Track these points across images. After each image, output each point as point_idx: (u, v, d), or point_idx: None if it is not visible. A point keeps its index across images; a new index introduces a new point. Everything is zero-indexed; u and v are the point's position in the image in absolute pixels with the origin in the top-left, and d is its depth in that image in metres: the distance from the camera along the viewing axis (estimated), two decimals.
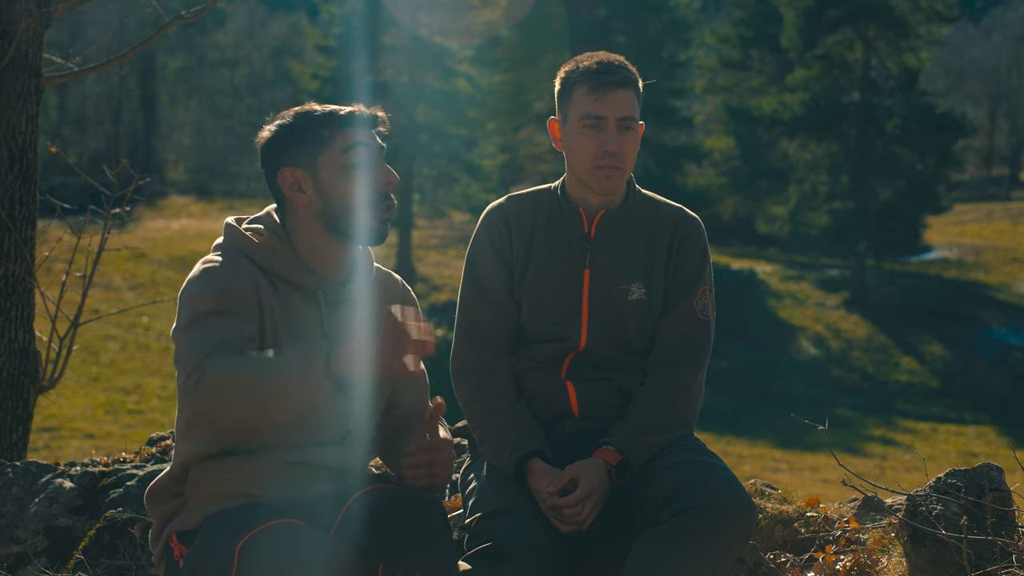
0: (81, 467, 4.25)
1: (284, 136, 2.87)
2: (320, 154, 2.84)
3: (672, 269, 3.34)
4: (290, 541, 2.58)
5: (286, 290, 2.84)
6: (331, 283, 2.89)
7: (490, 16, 33.24)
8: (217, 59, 47.30)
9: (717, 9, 45.66)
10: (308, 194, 2.85)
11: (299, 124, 2.86)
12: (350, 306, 2.91)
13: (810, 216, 32.93)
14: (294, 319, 2.83)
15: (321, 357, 2.63)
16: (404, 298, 3.05)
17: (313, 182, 2.85)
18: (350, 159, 2.84)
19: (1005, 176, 48.06)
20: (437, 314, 27.64)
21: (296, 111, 2.90)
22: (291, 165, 2.86)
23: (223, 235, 2.89)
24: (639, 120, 3.28)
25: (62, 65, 5.22)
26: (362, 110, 2.89)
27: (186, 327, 2.72)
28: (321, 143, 2.84)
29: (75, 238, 5.28)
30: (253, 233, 2.87)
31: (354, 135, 2.85)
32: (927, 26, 33.11)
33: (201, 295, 2.74)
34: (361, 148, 2.84)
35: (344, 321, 2.89)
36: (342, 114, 2.86)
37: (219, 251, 2.85)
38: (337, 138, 2.84)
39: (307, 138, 2.85)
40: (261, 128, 2.93)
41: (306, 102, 2.94)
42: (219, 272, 2.78)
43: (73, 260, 5.24)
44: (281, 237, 2.87)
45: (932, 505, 3.41)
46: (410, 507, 2.71)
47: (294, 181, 2.85)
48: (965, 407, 25.05)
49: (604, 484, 3.13)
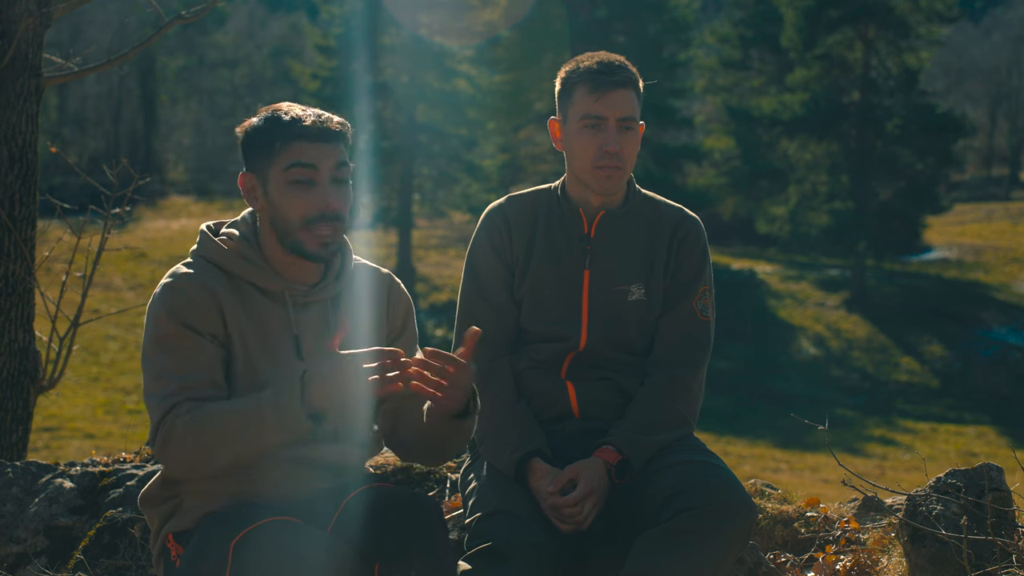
0: (81, 467, 4.24)
1: (247, 139, 2.82)
2: (269, 166, 2.77)
3: (672, 269, 3.34)
4: (285, 538, 2.57)
5: (252, 294, 2.81)
6: (299, 285, 2.84)
7: (490, 16, 33.23)
8: (217, 59, 47.29)
9: (717, 9, 45.64)
10: (260, 202, 2.81)
11: (258, 129, 2.80)
12: (322, 306, 2.87)
13: (810, 216, 32.92)
14: (262, 323, 2.80)
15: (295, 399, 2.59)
16: (390, 290, 3.00)
17: (263, 191, 2.80)
18: (292, 176, 2.75)
19: (1005, 176, 48.04)
20: (437, 314, 27.66)
21: (265, 113, 2.82)
22: (249, 170, 2.82)
23: (197, 241, 2.88)
24: (639, 120, 3.29)
25: (62, 65, 5.22)
26: (319, 123, 2.77)
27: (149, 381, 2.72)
28: (270, 153, 2.77)
29: (75, 238, 5.28)
30: (225, 239, 2.85)
31: (301, 152, 2.74)
32: (927, 26, 33.10)
33: (159, 316, 2.73)
34: (305, 168, 2.74)
35: (316, 322, 2.85)
36: (297, 126, 2.75)
37: (187, 259, 2.84)
38: (284, 152, 2.75)
39: (261, 146, 2.78)
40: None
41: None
42: (175, 290, 2.75)
43: (73, 260, 5.24)
44: (251, 242, 2.84)
45: (932, 505, 3.41)
46: (407, 506, 2.71)
47: (251, 187, 2.82)
48: (965, 407, 25.05)
49: (604, 484, 3.13)
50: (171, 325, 2.72)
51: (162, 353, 2.72)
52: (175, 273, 2.80)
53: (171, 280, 2.78)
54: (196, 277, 2.78)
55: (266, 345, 2.80)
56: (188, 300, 2.74)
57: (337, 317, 2.88)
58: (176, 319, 2.72)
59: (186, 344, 2.72)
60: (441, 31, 33.34)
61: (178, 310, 2.73)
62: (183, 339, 2.72)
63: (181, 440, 2.65)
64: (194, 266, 2.81)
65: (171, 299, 2.74)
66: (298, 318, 2.84)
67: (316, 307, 2.87)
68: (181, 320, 2.73)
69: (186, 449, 2.66)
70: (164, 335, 2.72)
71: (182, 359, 2.71)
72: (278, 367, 2.80)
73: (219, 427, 2.63)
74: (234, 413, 2.64)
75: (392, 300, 3.00)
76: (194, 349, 2.72)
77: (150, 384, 2.73)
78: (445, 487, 4.05)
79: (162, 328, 2.73)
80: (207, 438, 2.64)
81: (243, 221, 2.90)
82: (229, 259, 2.81)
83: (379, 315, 2.97)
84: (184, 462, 2.69)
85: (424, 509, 2.72)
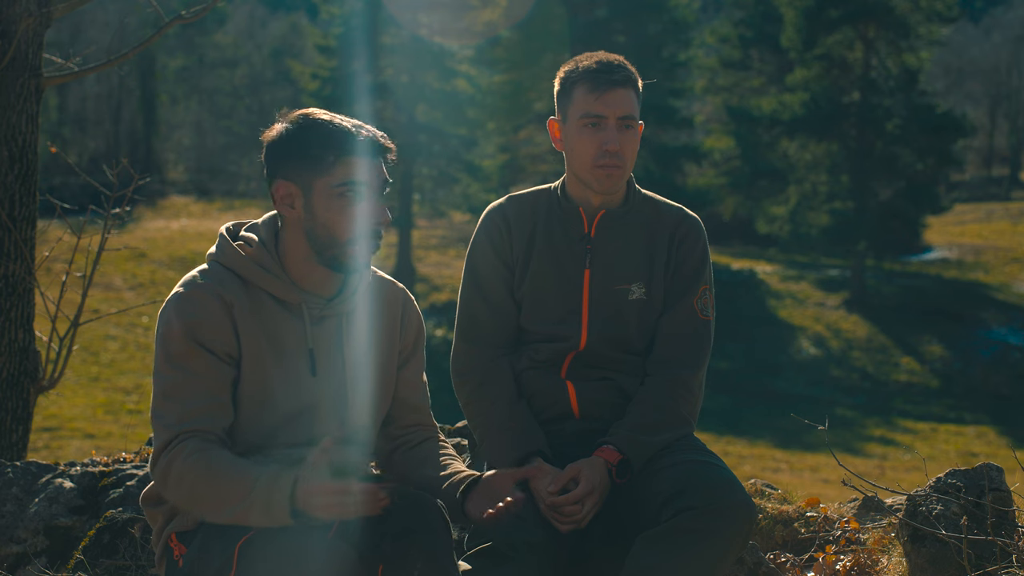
0: (81, 467, 4.24)
1: (286, 146, 2.74)
2: (317, 178, 2.71)
3: (672, 269, 3.34)
4: (289, 540, 2.58)
5: (269, 304, 2.79)
6: (317, 298, 2.82)
7: (490, 16, 33.22)
8: (217, 59, 47.27)
9: (717, 9, 45.64)
10: (298, 211, 2.75)
11: (304, 138, 2.72)
12: (337, 320, 2.85)
13: (810, 216, 32.91)
14: (277, 335, 2.79)
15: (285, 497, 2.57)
16: (404, 308, 3.00)
17: (304, 201, 2.74)
18: (345, 192, 2.71)
19: (1005, 176, 48.05)
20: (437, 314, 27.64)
21: (305, 120, 2.75)
22: (286, 178, 2.74)
23: (215, 244, 2.85)
24: (639, 119, 3.29)
25: (62, 65, 5.22)
26: (372, 136, 2.74)
27: (157, 398, 2.72)
28: (321, 167, 2.71)
29: (75, 238, 5.28)
30: (242, 244, 2.82)
31: (356, 168, 2.71)
32: (927, 26, 33.10)
33: (172, 331, 2.72)
34: (359, 185, 2.71)
35: (331, 336, 2.84)
36: (351, 141, 2.71)
37: (203, 266, 2.82)
38: (338, 167, 2.71)
39: (308, 156, 2.72)
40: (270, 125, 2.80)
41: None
42: (191, 301, 2.73)
43: (73, 260, 5.24)
44: (270, 249, 2.80)
45: (932, 505, 3.41)
46: (410, 508, 2.71)
47: (287, 194, 2.75)
48: (965, 407, 25.05)
49: (604, 482, 3.13)
50: (184, 343, 2.71)
51: (174, 371, 2.71)
52: (191, 283, 2.76)
53: (186, 290, 2.75)
54: (211, 288, 2.74)
55: (280, 358, 2.79)
56: (203, 315, 2.72)
57: (351, 331, 2.86)
58: (189, 336, 2.71)
59: (198, 365, 2.71)
60: (441, 31, 33.36)
61: (193, 326, 2.71)
62: (196, 358, 2.71)
63: (178, 480, 2.67)
64: (210, 274, 2.78)
65: (186, 312, 2.72)
66: (314, 332, 2.82)
67: (331, 321, 2.85)
68: (194, 337, 2.71)
69: (181, 490, 2.68)
70: (177, 353, 2.71)
71: (193, 380, 2.71)
72: (289, 385, 2.79)
73: (213, 486, 2.64)
74: (229, 480, 2.63)
75: (406, 318, 3.00)
76: (206, 370, 2.71)
77: (158, 402, 2.73)
78: None
79: (175, 345, 2.71)
80: (200, 488, 2.65)
81: (264, 225, 2.85)
82: (246, 266, 2.78)
83: (392, 332, 2.97)
84: (176, 498, 2.73)
85: (427, 510, 2.72)
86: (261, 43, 48.83)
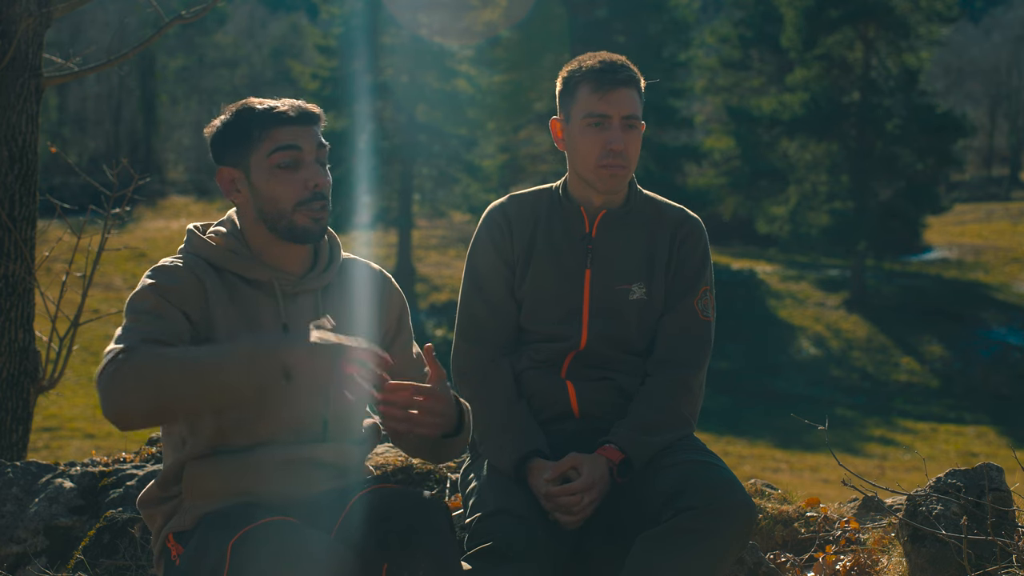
0: (81, 467, 4.24)
1: (222, 134, 2.84)
2: (251, 154, 2.81)
3: (673, 269, 3.34)
4: (283, 538, 2.57)
5: (241, 287, 2.82)
6: (288, 275, 2.86)
7: (490, 16, 33.23)
8: (217, 59, 47.30)
9: (717, 9, 45.65)
10: (244, 194, 2.83)
11: (233, 123, 2.83)
12: (313, 296, 2.88)
13: (810, 216, 32.93)
14: (251, 315, 2.81)
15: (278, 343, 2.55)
16: (384, 286, 3.00)
17: (247, 182, 2.82)
18: (277, 160, 2.79)
19: (1005, 176, 48.05)
20: (437, 314, 27.66)
21: (236, 107, 2.86)
22: (228, 164, 2.84)
23: (185, 240, 2.90)
24: (642, 119, 3.29)
25: (62, 65, 5.22)
26: (297, 107, 2.83)
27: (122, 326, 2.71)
28: (251, 143, 2.80)
29: (75, 238, 5.28)
30: (212, 236, 2.87)
31: (282, 136, 2.79)
32: (927, 26, 33.12)
33: (142, 290, 2.75)
34: (289, 150, 2.79)
35: (307, 313, 2.85)
36: (273, 113, 2.80)
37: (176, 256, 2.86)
38: (265, 138, 2.80)
39: (240, 138, 2.82)
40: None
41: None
42: (164, 271, 2.78)
43: (73, 260, 5.24)
44: (237, 237, 2.86)
45: (932, 505, 3.41)
46: (414, 507, 2.71)
47: (231, 180, 2.84)
48: (965, 407, 25.06)
49: (605, 479, 3.13)
50: (153, 296, 2.73)
51: (137, 313, 2.71)
52: (165, 263, 2.82)
53: (160, 265, 2.81)
54: (186, 268, 2.80)
55: None
56: (175, 281, 2.76)
57: (328, 308, 2.87)
58: (158, 292, 2.73)
59: (163, 311, 2.72)
60: (441, 31, 33.36)
61: (163, 287, 2.74)
62: (161, 307, 2.72)
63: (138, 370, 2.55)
64: (182, 260, 2.83)
65: (158, 277, 2.76)
66: (287, 308, 2.84)
67: (306, 297, 2.87)
68: (163, 294, 2.73)
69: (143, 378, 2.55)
70: (142, 301, 2.72)
71: (155, 319, 2.70)
72: None
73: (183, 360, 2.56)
74: (199, 351, 2.59)
75: (386, 298, 3.00)
76: (170, 316, 2.71)
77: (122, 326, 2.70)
78: (445, 487, 4.05)
79: (142, 297, 2.73)
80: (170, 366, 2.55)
81: (228, 220, 2.92)
82: (217, 254, 2.83)
83: (373, 312, 2.97)
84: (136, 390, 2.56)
85: (431, 510, 2.72)
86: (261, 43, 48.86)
